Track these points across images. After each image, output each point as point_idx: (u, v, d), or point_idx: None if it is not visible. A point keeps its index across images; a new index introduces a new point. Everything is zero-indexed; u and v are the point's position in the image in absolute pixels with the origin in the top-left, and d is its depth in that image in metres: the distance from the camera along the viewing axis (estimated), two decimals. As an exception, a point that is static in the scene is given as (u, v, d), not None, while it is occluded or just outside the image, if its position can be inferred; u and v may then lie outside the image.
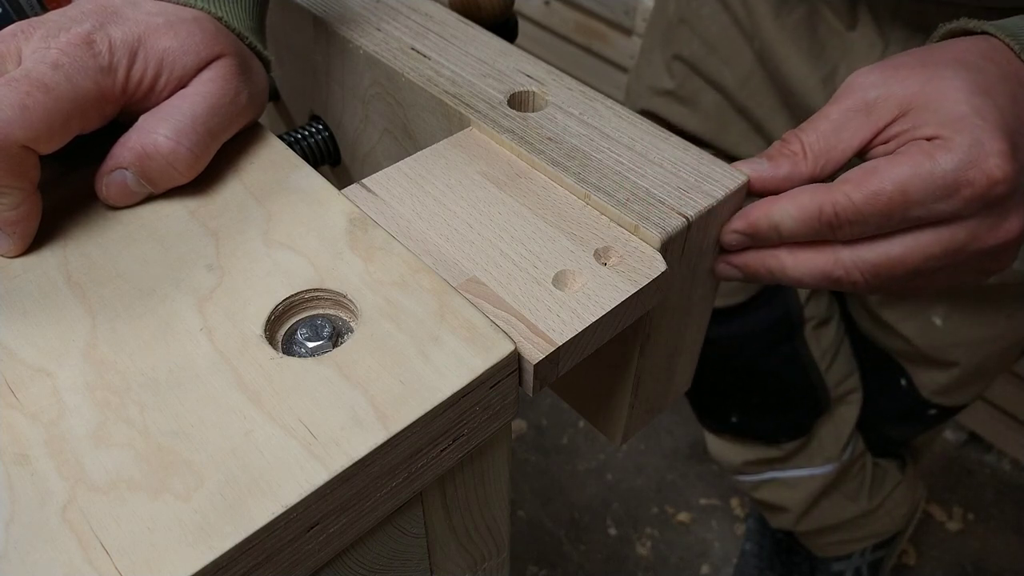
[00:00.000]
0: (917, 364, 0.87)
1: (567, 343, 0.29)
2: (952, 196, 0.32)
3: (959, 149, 0.32)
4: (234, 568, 0.23)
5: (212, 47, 0.34)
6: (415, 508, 0.31)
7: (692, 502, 1.32)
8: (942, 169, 0.32)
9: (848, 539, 1.07)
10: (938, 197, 0.32)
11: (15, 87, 0.29)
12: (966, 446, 1.38)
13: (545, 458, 1.36)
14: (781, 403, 0.91)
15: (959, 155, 0.32)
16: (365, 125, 0.47)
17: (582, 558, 1.24)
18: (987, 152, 0.32)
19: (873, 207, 0.32)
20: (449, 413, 0.27)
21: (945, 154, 0.32)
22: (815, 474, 0.97)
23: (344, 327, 0.29)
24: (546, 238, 0.33)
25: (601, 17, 1.62)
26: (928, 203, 0.32)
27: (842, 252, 0.35)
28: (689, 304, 0.40)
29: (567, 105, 0.40)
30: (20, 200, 0.30)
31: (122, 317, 0.29)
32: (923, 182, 0.32)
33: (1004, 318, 0.79)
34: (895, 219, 0.33)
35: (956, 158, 0.32)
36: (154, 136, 0.32)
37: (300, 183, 0.35)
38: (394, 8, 0.47)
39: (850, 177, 0.34)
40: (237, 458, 0.24)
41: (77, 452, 0.25)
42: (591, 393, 0.44)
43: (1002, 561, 1.24)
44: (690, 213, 0.34)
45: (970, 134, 0.32)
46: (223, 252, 0.31)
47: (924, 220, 0.33)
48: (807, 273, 0.36)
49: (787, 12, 0.67)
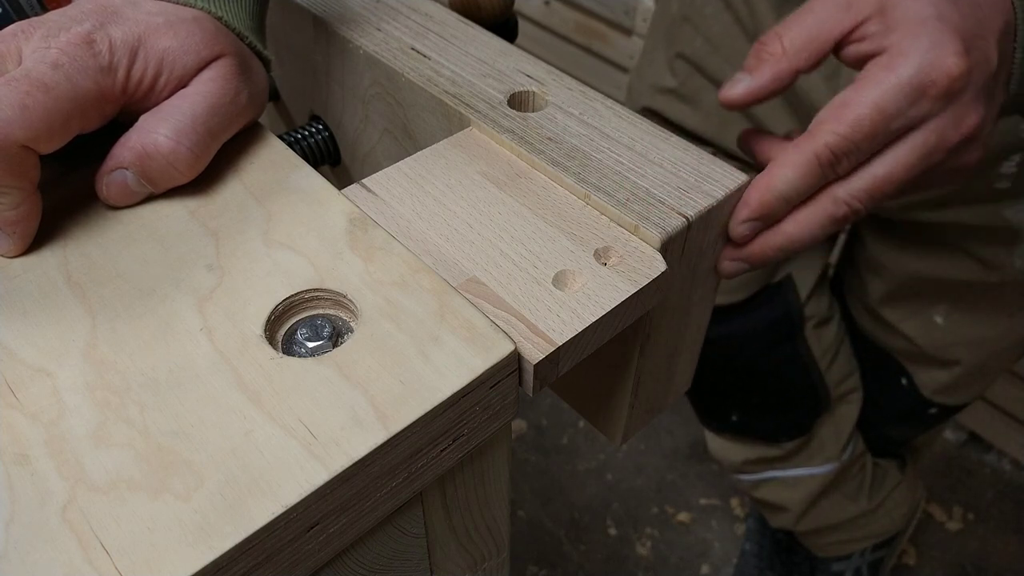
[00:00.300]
0: (918, 363, 0.87)
1: (567, 343, 0.29)
2: (921, 98, 0.35)
3: (915, 54, 0.34)
4: (234, 568, 0.23)
5: (212, 47, 0.34)
6: (415, 508, 0.31)
7: (692, 502, 1.32)
8: (906, 75, 0.34)
9: (848, 539, 1.07)
10: (911, 102, 0.35)
11: (15, 87, 0.29)
12: (966, 446, 1.38)
13: (545, 458, 1.36)
14: (781, 402, 0.91)
15: (916, 59, 0.34)
16: (365, 125, 0.47)
17: (582, 558, 1.24)
18: (945, 52, 0.34)
19: (860, 132, 0.34)
20: (449, 413, 0.27)
21: (903, 61, 0.35)
22: (815, 474, 0.97)
23: (344, 327, 0.29)
24: (546, 238, 0.33)
25: (601, 17, 1.62)
26: (904, 111, 0.35)
27: (837, 191, 0.36)
28: (689, 304, 0.40)
29: (567, 105, 0.40)
30: (20, 200, 0.30)
31: (122, 317, 0.29)
32: (893, 94, 0.34)
33: (1006, 316, 0.79)
34: (881, 136, 0.35)
35: (915, 62, 0.34)
36: (154, 136, 0.32)
37: (300, 183, 0.35)
38: (394, 8, 0.47)
39: (825, 117, 0.35)
40: (237, 458, 0.24)
41: (77, 452, 0.25)
42: (591, 393, 0.44)
43: (1002, 561, 1.24)
44: (690, 213, 0.34)
45: (928, 37, 0.35)
46: (223, 252, 0.31)
47: (903, 129, 0.35)
48: (814, 226, 0.37)
49: (789, 10, 0.67)
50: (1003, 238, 0.72)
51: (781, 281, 0.84)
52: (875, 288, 0.85)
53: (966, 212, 0.71)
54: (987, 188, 0.68)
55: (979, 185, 0.68)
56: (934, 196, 0.70)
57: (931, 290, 0.80)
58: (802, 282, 0.84)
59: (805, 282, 0.84)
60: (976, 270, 0.75)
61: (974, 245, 0.74)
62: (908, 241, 0.79)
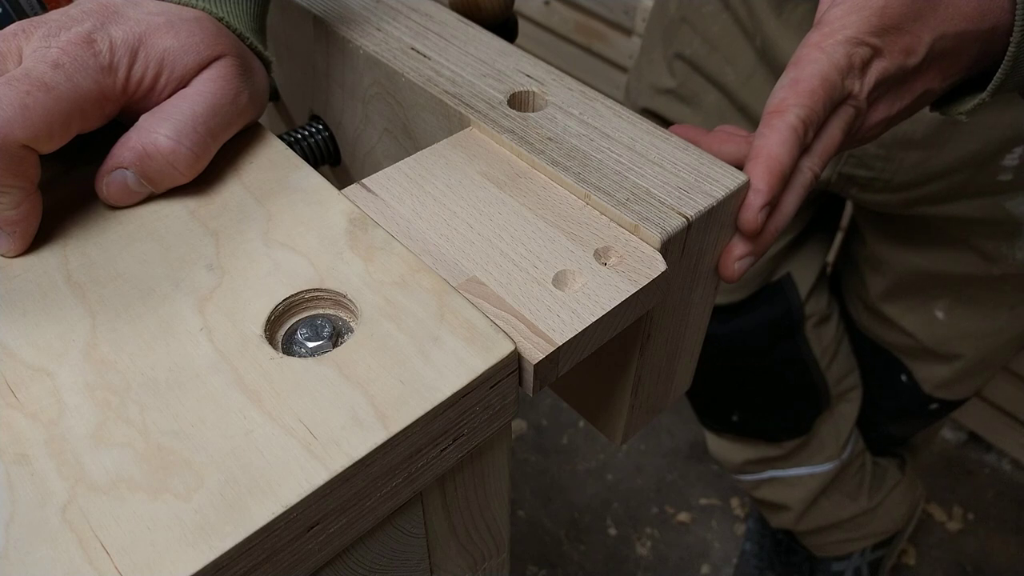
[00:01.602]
0: (919, 359, 0.87)
1: (567, 343, 0.29)
2: (850, 70, 0.37)
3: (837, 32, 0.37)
4: (234, 568, 0.23)
5: (213, 47, 0.34)
6: (415, 508, 0.31)
7: (692, 502, 1.32)
8: (833, 56, 0.37)
9: (848, 539, 1.07)
10: (842, 76, 0.37)
11: (15, 86, 0.29)
12: (966, 446, 1.38)
13: (545, 458, 1.36)
14: (782, 401, 0.91)
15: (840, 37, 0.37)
16: (365, 125, 0.47)
17: (582, 558, 1.24)
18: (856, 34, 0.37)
19: (819, 101, 0.36)
20: (449, 413, 0.27)
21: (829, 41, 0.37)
22: (815, 472, 0.98)
23: (344, 327, 0.29)
24: (546, 238, 0.33)
25: (601, 17, 1.62)
26: (844, 76, 0.37)
27: (804, 162, 0.38)
28: (689, 304, 0.40)
29: (567, 105, 0.40)
30: (21, 199, 0.30)
31: (122, 317, 0.29)
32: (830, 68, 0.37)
33: (1007, 309, 0.79)
34: (836, 100, 0.37)
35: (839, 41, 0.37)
36: (155, 136, 0.32)
37: (300, 183, 0.35)
38: (394, 8, 0.47)
39: (784, 96, 0.37)
40: (237, 458, 0.24)
41: (77, 452, 0.25)
42: (591, 393, 0.44)
43: (1002, 561, 1.24)
44: (690, 213, 0.34)
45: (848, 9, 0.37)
46: (223, 252, 0.31)
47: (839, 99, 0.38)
48: (796, 197, 0.39)
49: (789, 10, 0.67)
50: (1005, 231, 0.72)
51: (781, 280, 0.84)
52: (875, 284, 0.85)
53: (968, 205, 0.71)
54: (989, 181, 0.68)
55: (981, 178, 0.68)
56: (936, 190, 0.70)
57: (932, 284, 0.80)
58: (802, 281, 0.84)
59: (805, 281, 0.84)
60: (978, 263, 0.75)
61: (976, 238, 0.74)
62: (909, 236, 0.79)
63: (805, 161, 0.38)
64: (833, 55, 0.37)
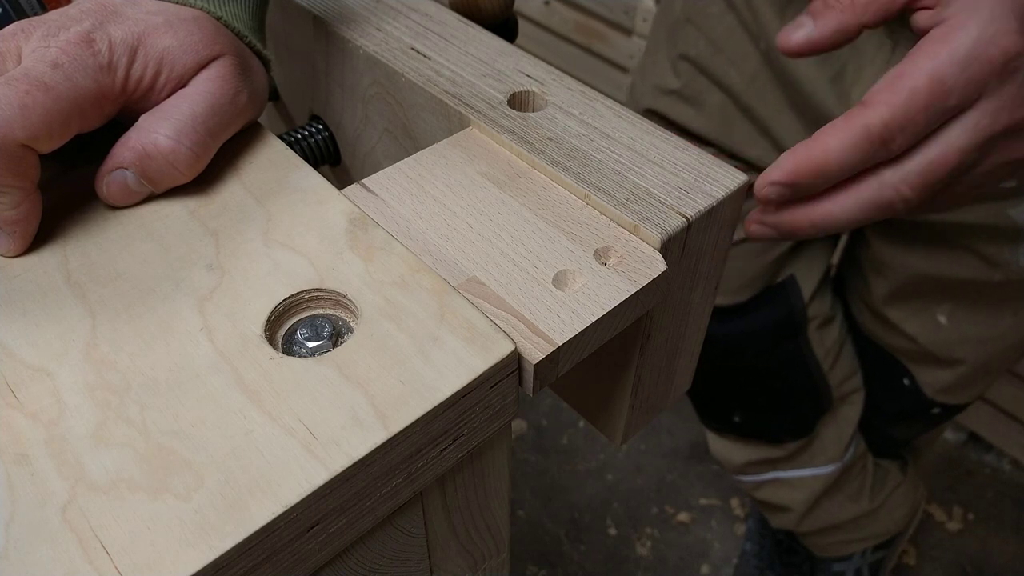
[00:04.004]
0: (921, 363, 0.87)
1: (567, 343, 0.29)
2: (976, 73, 0.33)
3: (973, 28, 0.33)
4: (234, 568, 0.23)
5: (212, 46, 0.34)
6: (415, 508, 0.31)
7: (692, 502, 1.31)
8: (962, 49, 0.32)
9: (849, 539, 1.07)
10: (967, 76, 0.33)
11: (15, 86, 0.29)
12: (966, 446, 1.38)
13: (545, 458, 1.36)
14: (784, 403, 0.91)
15: (974, 33, 0.33)
16: (365, 125, 0.47)
17: (582, 558, 1.24)
18: (1002, 29, 0.32)
19: (916, 104, 0.32)
20: (449, 413, 0.27)
21: (960, 35, 0.33)
22: (817, 474, 0.97)
23: (344, 327, 0.29)
24: (546, 238, 0.33)
25: (601, 17, 1.62)
26: (959, 85, 0.33)
27: (885, 174, 0.34)
28: (689, 304, 0.40)
29: (567, 105, 0.40)
30: (20, 199, 0.30)
31: (122, 317, 0.29)
32: (949, 63, 0.32)
33: (1010, 315, 0.79)
34: (938, 111, 0.33)
35: (971, 36, 0.33)
36: (154, 136, 0.32)
37: (300, 183, 0.35)
38: (394, 8, 0.47)
39: (879, 89, 0.33)
40: (237, 458, 0.24)
41: (77, 452, 0.25)
42: (591, 393, 0.44)
43: (1002, 561, 1.24)
44: (690, 213, 0.34)
45: (987, 11, 0.33)
46: (223, 252, 0.31)
47: (956, 108, 0.33)
48: (856, 210, 0.35)
49: (792, 13, 0.67)
50: (1008, 237, 0.72)
51: (784, 282, 0.84)
52: (878, 288, 0.85)
53: (971, 211, 0.71)
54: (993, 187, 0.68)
55: None
56: None
57: (935, 289, 0.80)
58: (805, 282, 0.84)
59: (808, 282, 0.84)
60: (980, 268, 0.75)
61: (979, 243, 0.74)
62: (912, 240, 0.79)
63: (890, 175, 0.33)
64: (956, 49, 0.32)
